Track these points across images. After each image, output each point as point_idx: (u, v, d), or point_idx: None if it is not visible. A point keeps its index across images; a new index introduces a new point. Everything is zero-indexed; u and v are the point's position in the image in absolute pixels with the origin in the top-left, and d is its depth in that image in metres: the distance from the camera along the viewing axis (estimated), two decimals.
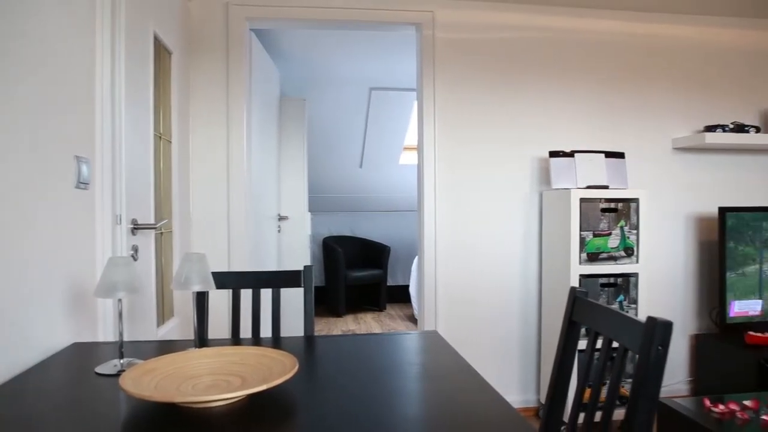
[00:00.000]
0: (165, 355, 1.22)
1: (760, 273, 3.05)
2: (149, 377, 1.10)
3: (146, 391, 1.02)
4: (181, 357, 1.22)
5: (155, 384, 1.08)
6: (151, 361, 1.17)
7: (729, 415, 2.08)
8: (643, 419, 0.92)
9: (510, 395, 3.11)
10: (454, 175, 3.04)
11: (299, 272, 1.89)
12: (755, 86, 3.39)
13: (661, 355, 0.93)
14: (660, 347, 0.92)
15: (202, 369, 1.20)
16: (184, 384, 1.11)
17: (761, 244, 3.05)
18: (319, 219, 6.43)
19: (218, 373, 1.19)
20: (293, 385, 1.21)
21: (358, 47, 4.16)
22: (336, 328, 5.16)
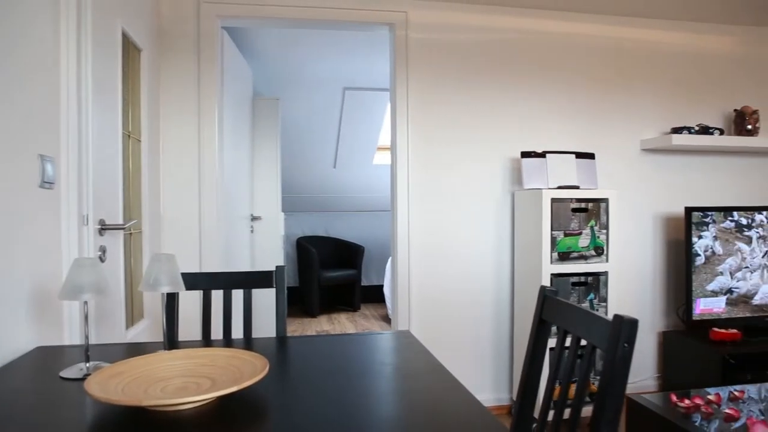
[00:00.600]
0: (133, 357, 1.20)
1: None
2: (116, 381, 1.08)
3: (113, 395, 1.00)
4: (150, 359, 1.20)
5: (122, 387, 1.06)
6: (118, 364, 1.14)
7: (694, 410, 2.13)
8: (610, 415, 0.94)
9: (483, 394, 3.14)
10: (427, 176, 3.05)
11: (271, 273, 1.87)
12: (719, 90, 3.48)
13: (627, 352, 0.94)
14: (626, 344, 0.94)
15: (172, 371, 1.18)
16: (153, 387, 1.09)
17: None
18: (293, 219, 6.39)
19: (188, 375, 1.17)
20: (264, 387, 1.20)
21: (332, 47, 4.15)
22: (310, 329, 5.13)
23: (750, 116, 3.32)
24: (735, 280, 3.13)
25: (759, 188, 3.56)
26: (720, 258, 3.11)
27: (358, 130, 5.79)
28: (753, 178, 3.55)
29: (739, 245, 3.14)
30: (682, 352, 3.15)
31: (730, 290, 3.13)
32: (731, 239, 3.12)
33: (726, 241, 3.12)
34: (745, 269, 3.15)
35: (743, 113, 3.33)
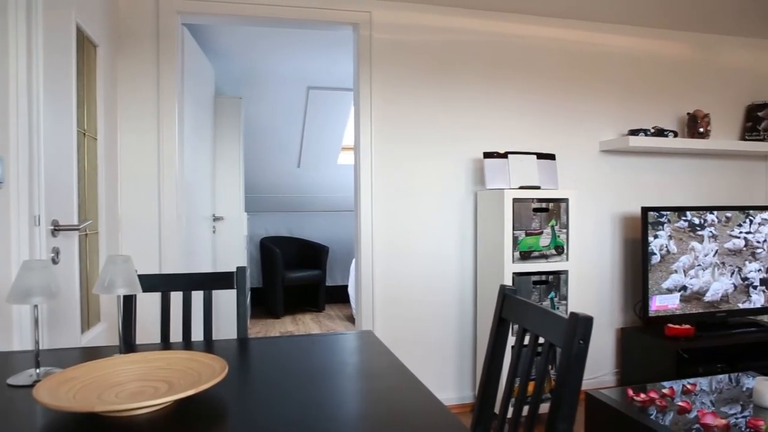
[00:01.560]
0: (86, 362, 1.16)
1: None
2: (67, 387, 1.05)
3: (63, 401, 0.97)
4: (104, 364, 1.16)
5: (74, 393, 1.03)
6: (70, 370, 1.11)
7: (649, 403, 2.19)
8: (567, 410, 0.96)
9: (447, 392, 3.16)
10: (390, 176, 3.06)
11: (232, 274, 1.85)
12: (674, 94, 3.60)
13: (583, 349, 0.96)
14: (581, 341, 0.96)
15: (127, 376, 1.15)
16: (107, 392, 1.06)
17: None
18: (257, 219, 6.31)
19: (144, 379, 1.15)
20: (224, 389, 1.18)
21: (295, 46, 4.12)
22: (274, 330, 5.08)
23: (702, 119, 3.43)
24: (688, 277, 3.24)
25: (711, 189, 3.69)
26: (674, 256, 3.21)
27: (323, 129, 5.77)
28: (705, 178, 3.67)
29: (692, 244, 3.24)
30: (639, 347, 3.24)
31: (683, 287, 3.23)
32: (685, 238, 3.23)
33: (680, 240, 3.22)
34: (697, 267, 3.26)
35: (696, 116, 3.45)
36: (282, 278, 5.52)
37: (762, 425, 1.94)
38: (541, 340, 1.13)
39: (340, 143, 5.99)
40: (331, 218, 6.69)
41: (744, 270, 3.35)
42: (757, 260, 3.37)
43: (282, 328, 5.16)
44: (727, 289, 3.31)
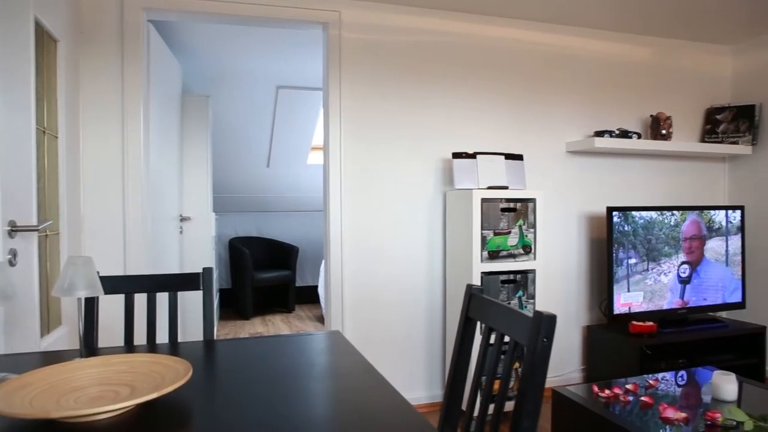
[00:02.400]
0: (45, 367, 1.13)
1: None
2: (23, 393, 1.01)
3: (19, 408, 0.94)
4: (63, 368, 1.13)
5: (30, 399, 1.00)
6: (26, 375, 1.08)
7: (613, 399, 2.24)
8: (531, 407, 0.97)
9: (417, 391, 3.17)
10: (360, 175, 3.06)
11: (198, 274, 1.82)
12: (638, 96, 3.68)
13: (546, 347, 0.98)
14: (545, 339, 0.97)
15: (87, 380, 1.13)
16: (66, 398, 1.04)
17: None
18: (225, 219, 6.24)
19: (105, 383, 1.12)
20: (189, 392, 1.16)
21: (264, 44, 4.08)
22: (243, 331, 5.03)
23: (664, 122, 3.52)
24: (652, 275, 3.32)
25: (672, 189, 3.79)
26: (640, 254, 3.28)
27: (292, 129, 5.73)
28: (667, 179, 3.77)
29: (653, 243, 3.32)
30: (604, 344, 3.31)
31: (647, 285, 3.31)
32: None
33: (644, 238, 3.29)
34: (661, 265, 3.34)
35: (658, 119, 3.54)
36: (251, 279, 5.47)
37: (719, 417, 2.00)
38: (507, 339, 1.14)
39: (310, 143, 5.96)
40: (301, 218, 6.65)
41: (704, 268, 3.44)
42: (715, 259, 3.47)
43: (251, 330, 5.10)
44: (686, 286, 3.40)
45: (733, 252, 3.52)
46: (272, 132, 5.72)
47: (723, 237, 3.49)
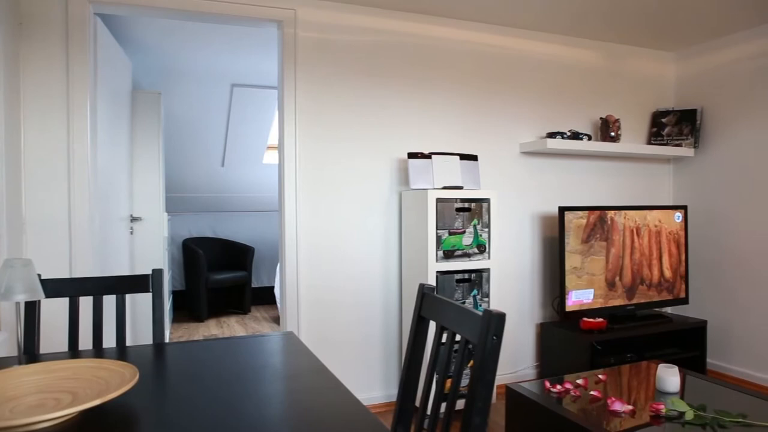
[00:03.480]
0: None
1: None
2: None
3: None
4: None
5: None
6: None
7: (564, 394, 2.30)
8: (481, 404, 0.98)
9: (374, 391, 3.18)
10: (315, 175, 3.04)
11: (147, 276, 1.77)
12: (589, 99, 3.79)
13: (496, 344, 0.99)
14: (494, 337, 0.99)
15: (26, 388, 1.08)
16: (1, 407, 0.99)
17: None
18: (179, 220, 6.10)
19: (45, 391, 1.08)
20: (136, 398, 1.13)
21: (219, 41, 4.00)
22: (197, 334, 4.93)
23: (613, 124, 3.64)
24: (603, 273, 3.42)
25: (621, 189, 3.91)
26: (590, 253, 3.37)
27: (248, 128, 5.65)
28: (616, 180, 3.89)
29: (605, 242, 3.43)
30: (557, 341, 3.39)
31: (599, 282, 3.41)
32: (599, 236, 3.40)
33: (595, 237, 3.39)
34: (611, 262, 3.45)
35: (608, 121, 3.65)
36: (206, 280, 5.36)
37: (662, 408, 2.08)
38: (459, 337, 1.15)
39: (266, 142, 5.89)
40: (257, 218, 6.57)
41: (650, 266, 3.57)
42: (663, 256, 3.61)
43: (206, 332, 5.01)
44: (636, 283, 3.52)
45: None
46: (227, 131, 5.62)
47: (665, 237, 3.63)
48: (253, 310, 5.97)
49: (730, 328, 3.67)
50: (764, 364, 3.46)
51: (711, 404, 2.15)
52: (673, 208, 3.65)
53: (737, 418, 2.00)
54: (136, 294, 3.86)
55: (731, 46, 3.67)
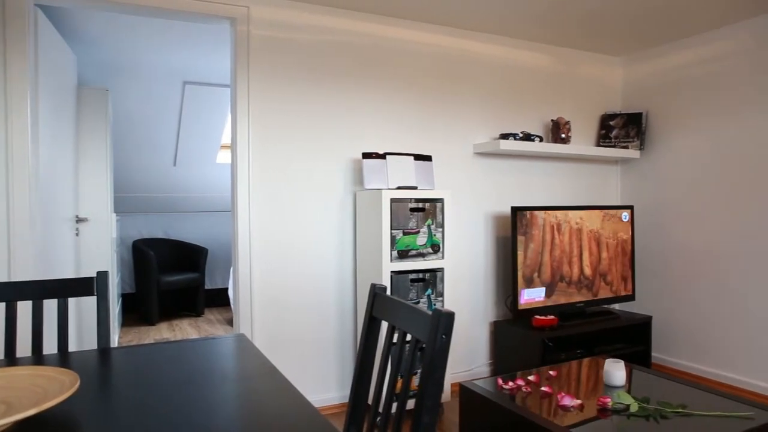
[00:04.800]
0: None
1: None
2: None
3: None
4: None
5: None
6: None
7: (516, 390, 2.34)
8: (430, 402, 0.99)
9: (330, 392, 3.16)
10: (269, 175, 3.00)
11: (92, 279, 1.71)
12: (541, 102, 3.87)
13: (445, 343, 1.00)
14: (444, 336, 1.00)
15: None
16: None
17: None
18: (128, 220, 5.92)
19: None
20: (78, 405, 1.09)
21: (170, 37, 3.90)
22: (148, 337, 4.80)
23: (563, 126, 3.73)
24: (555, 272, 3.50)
25: (571, 190, 4.02)
26: (541, 251, 3.45)
27: (200, 126, 5.53)
28: (567, 180, 4.00)
29: (556, 240, 3.51)
30: (510, 338, 3.45)
31: (549, 280, 3.49)
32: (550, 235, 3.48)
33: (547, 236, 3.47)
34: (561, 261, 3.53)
35: (558, 123, 3.74)
36: (157, 282, 5.22)
37: (609, 402, 2.14)
38: (409, 337, 1.16)
39: (219, 141, 5.78)
40: (210, 218, 6.44)
41: (600, 264, 3.68)
42: (612, 254, 3.72)
43: (157, 335, 4.88)
44: (584, 281, 3.62)
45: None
46: (179, 129, 5.49)
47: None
48: (207, 312, 5.85)
49: (673, 323, 3.82)
50: (705, 356, 3.62)
51: (654, 396, 2.23)
52: (620, 208, 3.77)
53: (677, 409, 2.08)
54: (83, 298, 3.73)
55: (674, 53, 3.82)
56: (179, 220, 6.26)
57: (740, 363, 3.42)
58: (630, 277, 3.82)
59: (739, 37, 3.43)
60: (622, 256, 3.78)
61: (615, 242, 3.74)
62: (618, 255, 3.76)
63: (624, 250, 3.79)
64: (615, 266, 3.75)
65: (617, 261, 3.75)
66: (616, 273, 3.76)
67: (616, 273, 3.76)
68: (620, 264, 3.77)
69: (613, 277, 3.74)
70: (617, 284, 3.76)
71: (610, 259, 3.72)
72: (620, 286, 3.77)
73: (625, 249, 3.79)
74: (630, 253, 3.81)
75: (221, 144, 5.84)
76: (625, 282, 3.79)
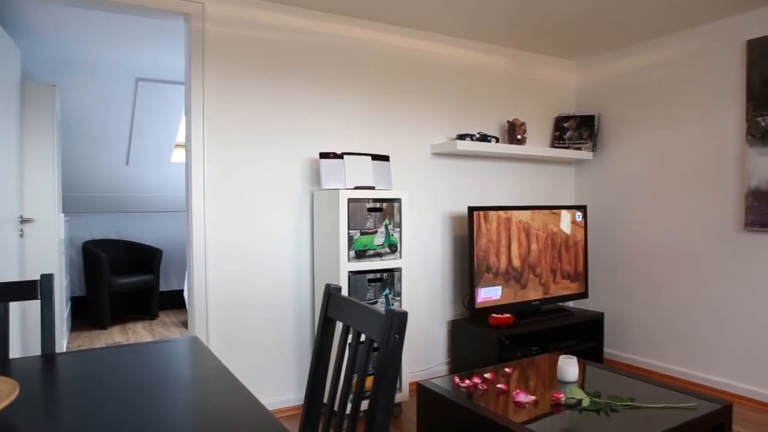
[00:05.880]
0: None
1: None
2: None
3: None
4: None
5: None
6: None
7: (473, 388, 2.37)
8: (384, 402, 0.99)
9: (287, 394, 3.13)
10: (224, 174, 2.95)
11: (35, 282, 1.64)
12: (497, 103, 3.93)
13: (398, 342, 1.00)
14: (397, 335, 1.00)
15: None
16: None
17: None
18: (78, 221, 5.73)
19: None
20: (18, 415, 1.04)
21: (122, 31, 3.79)
22: (99, 342, 4.65)
23: (519, 127, 3.80)
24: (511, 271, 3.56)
25: (527, 190, 4.10)
26: (499, 251, 3.50)
27: (154, 125, 5.39)
28: (523, 180, 4.07)
29: (512, 240, 3.57)
30: (467, 337, 3.49)
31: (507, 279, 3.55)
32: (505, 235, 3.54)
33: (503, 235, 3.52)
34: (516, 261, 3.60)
35: (514, 124, 3.80)
36: (109, 285, 5.07)
37: (562, 397, 2.19)
38: (364, 337, 1.16)
39: (174, 140, 5.65)
40: (165, 219, 6.29)
41: (554, 262, 3.76)
42: (567, 253, 3.81)
43: (109, 340, 4.73)
44: (540, 279, 3.69)
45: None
46: (132, 127, 5.34)
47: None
48: (162, 314, 5.71)
49: (624, 319, 3.94)
50: (654, 350, 3.75)
51: (606, 390, 2.29)
52: (574, 208, 3.87)
53: (627, 402, 2.14)
54: (29, 302, 3.58)
55: (624, 58, 3.94)
56: (133, 220, 6.09)
57: (685, 356, 3.56)
58: (583, 275, 3.92)
59: (682, 46, 3.57)
60: (576, 255, 3.88)
61: (569, 241, 3.84)
62: (572, 254, 3.85)
63: (578, 249, 3.89)
64: (569, 265, 3.84)
65: (571, 260, 3.85)
66: (571, 271, 3.85)
67: (571, 271, 3.85)
68: (574, 262, 3.87)
69: (567, 276, 3.83)
70: (571, 282, 3.85)
71: (564, 258, 3.81)
72: (574, 284, 3.87)
73: (579, 248, 3.89)
74: (583, 252, 3.91)
75: (176, 143, 5.71)
76: (578, 280, 3.89)
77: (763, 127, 3.14)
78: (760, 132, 3.15)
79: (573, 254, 3.86)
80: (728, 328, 3.34)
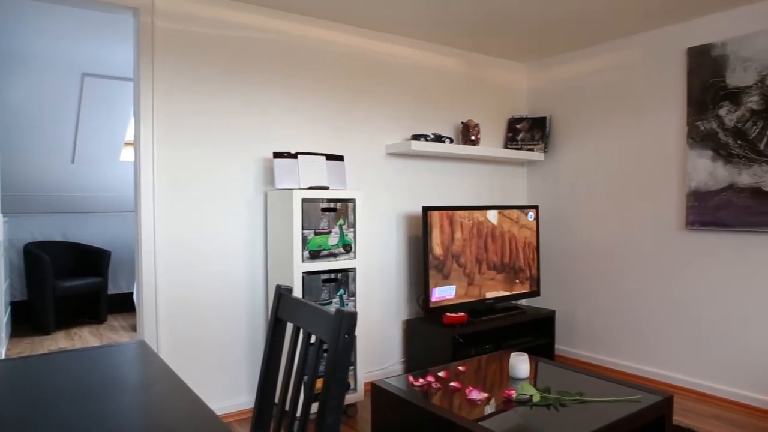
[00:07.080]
0: None
1: None
2: None
3: None
4: None
5: None
6: None
7: (427, 387, 2.39)
8: (334, 403, 0.99)
9: (240, 397, 3.08)
10: (175, 174, 2.88)
11: None
12: (452, 104, 3.98)
13: (348, 343, 1.00)
14: (347, 335, 1.00)
15: None
16: None
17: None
18: (19, 222, 5.48)
19: None
20: None
21: (66, 24, 3.64)
22: (42, 348, 4.47)
23: (473, 128, 3.85)
24: (463, 269, 3.61)
25: (480, 190, 4.16)
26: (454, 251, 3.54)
27: (102, 122, 5.21)
28: (477, 181, 4.13)
29: (468, 240, 3.62)
30: (422, 336, 3.52)
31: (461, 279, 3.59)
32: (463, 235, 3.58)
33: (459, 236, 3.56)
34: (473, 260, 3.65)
35: (468, 125, 3.85)
36: (53, 288, 4.87)
37: (513, 394, 2.24)
38: (314, 338, 1.15)
39: (123, 138, 5.48)
40: (115, 219, 6.10)
41: (506, 261, 3.83)
42: (520, 252, 3.89)
43: (53, 345, 4.55)
44: (494, 278, 3.76)
45: None
46: (77, 124, 5.15)
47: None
48: (111, 318, 5.54)
49: (574, 317, 4.05)
50: (601, 346, 3.87)
51: (555, 386, 2.35)
52: (526, 208, 3.95)
53: (575, 396, 2.21)
54: None
55: (574, 62, 4.05)
56: (79, 220, 5.87)
57: (632, 351, 3.69)
58: (536, 273, 4.00)
59: (627, 51, 3.70)
60: (528, 254, 3.96)
61: (521, 241, 3.92)
62: (524, 253, 3.93)
63: (530, 248, 3.97)
64: (522, 264, 3.92)
65: (524, 259, 3.93)
66: (523, 270, 3.93)
67: (523, 270, 3.93)
68: (526, 261, 3.95)
69: (519, 274, 3.91)
70: (523, 281, 3.94)
71: (516, 257, 3.89)
72: (526, 282, 3.95)
73: (531, 247, 3.98)
74: (535, 251, 4.00)
75: (125, 141, 5.54)
76: (531, 278, 3.98)
77: (703, 131, 3.28)
78: (700, 135, 3.29)
79: (526, 253, 3.94)
80: (671, 323, 3.48)
